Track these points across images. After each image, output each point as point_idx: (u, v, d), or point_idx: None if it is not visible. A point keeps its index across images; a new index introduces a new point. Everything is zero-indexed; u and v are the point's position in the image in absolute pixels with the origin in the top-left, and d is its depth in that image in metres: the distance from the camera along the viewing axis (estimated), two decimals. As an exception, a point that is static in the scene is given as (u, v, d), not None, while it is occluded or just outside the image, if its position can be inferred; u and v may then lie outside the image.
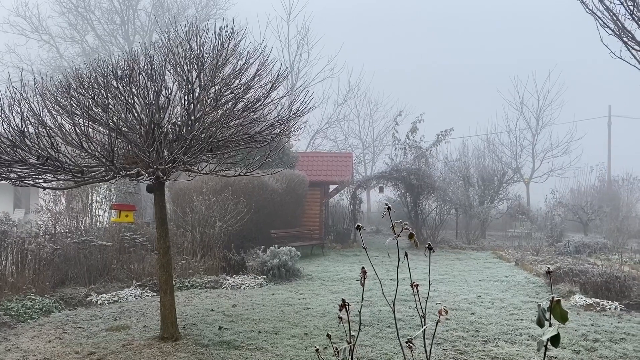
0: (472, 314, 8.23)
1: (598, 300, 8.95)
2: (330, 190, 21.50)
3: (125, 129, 6.16)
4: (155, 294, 9.40)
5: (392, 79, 44.49)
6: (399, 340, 2.19)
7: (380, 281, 3.11)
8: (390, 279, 11.03)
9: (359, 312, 2.60)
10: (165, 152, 6.25)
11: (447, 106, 48.26)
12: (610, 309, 8.56)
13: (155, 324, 7.26)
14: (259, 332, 6.98)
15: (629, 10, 7.14)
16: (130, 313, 8.12)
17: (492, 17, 60.73)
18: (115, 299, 9.08)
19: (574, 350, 6.24)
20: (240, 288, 10.25)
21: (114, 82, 6.11)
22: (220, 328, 7.15)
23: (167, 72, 6.47)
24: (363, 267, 2.37)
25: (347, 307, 2.24)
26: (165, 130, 6.27)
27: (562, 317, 1.91)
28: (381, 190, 21.53)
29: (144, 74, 6.21)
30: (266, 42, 7.46)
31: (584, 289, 9.62)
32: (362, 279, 2.37)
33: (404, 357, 2.40)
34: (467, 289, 10.56)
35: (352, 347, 2.22)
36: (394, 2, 62.63)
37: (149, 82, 6.18)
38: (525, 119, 33.34)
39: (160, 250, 6.80)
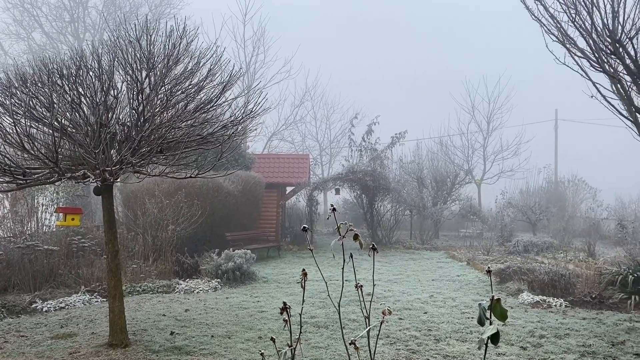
0: (425, 313, 8.36)
1: (545, 297, 9.26)
2: (287, 192, 21.44)
3: (71, 129, 5.95)
4: (105, 299, 9.12)
5: (349, 81, 44.85)
6: (344, 342, 2.19)
7: (327, 283, 3.11)
8: (347, 280, 11.08)
9: (300, 314, 2.58)
10: (113, 154, 6.07)
11: (402, 109, 48.98)
12: (555, 305, 8.88)
13: (104, 331, 7.03)
14: (212, 336, 6.87)
15: (571, 18, 7.43)
16: (77, 320, 7.84)
17: (444, 21, 62.14)
18: (62, 305, 8.75)
19: (521, 347, 6.43)
20: (194, 292, 10.07)
21: (59, 81, 5.89)
22: (172, 333, 6.99)
23: (116, 71, 6.29)
24: (304, 270, 2.35)
25: (288, 310, 2.22)
26: (113, 130, 6.10)
27: (502, 316, 1.96)
28: (337, 191, 21.64)
29: (91, 72, 6.01)
30: (221, 42, 7.38)
31: (531, 286, 9.93)
32: (303, 281, 2.35)
33: (349, 357, 2.40)
34: (420, 288, 10.73)
35: (293, 350, 2.20)
36: (350, 5, 63.16)
37: (97, 81, 5.99)
38: (476, 122, 34.25)
39: (108, 254, 6.60)
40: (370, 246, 2.41)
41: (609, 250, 16.72)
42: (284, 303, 2.19)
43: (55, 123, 5.56)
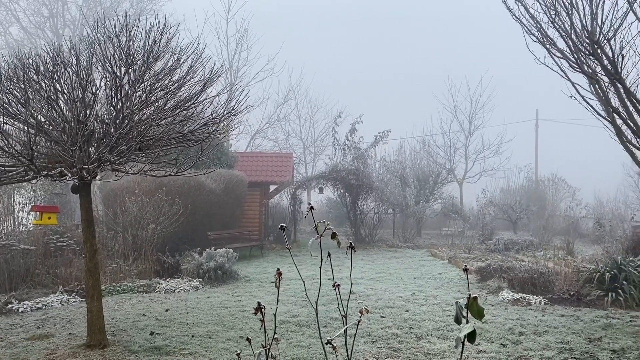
0: (407, 311, 8.39)
1: (524, 295, 9.36)
2: (270, 191, 21.37)
3: (48, 126, 5.84)
4: (83, 299, 8.98)
5: (333, 80, 44.86)
6: (321, 341, 2.17)
7: (304, 282, 3.09)
8: (329, 279, 11.07)
9: (274, 314, 2.56)
10: (92, 151, 5.98)
11: (386, 108, 49.15)
12: (535, 303, 8.97)
13: (82, 331, 6.93)
14: (193, 336, 6.81)
15: (551, 19, 7.49)
16: (55, 320, 7.71)
17: (427, 21, 62.48)
18: (39, 305, 8.60)
19: (501, 344, 6.48)
20: (175, 292, 9.98)
21: (35, 77, 5.78)
22: (151, 333, 6.91)
23: (95, 67, 6.19)
24: (278, 269, 2.33)
25: (262, 310, 2.20)
26: (91, 128, 6.00)
27: (479, 314, 1.96)
28: (321, 190, 21.63)
29: (69, 68, 5.91)
30: (204, 39, 7.31)
31: (512, 284, 10.03)
32: (277, 280, 2.33)
33: (326, 356, 2.38)
34: (402, 286, 10.77)
35: (267, 351, 2.18)
36: (333, 4, 63.16)
37: (75, 77, 5.89)
38: (458, 122, 34.53)
39: (86, 253, 6.50)
40: (348, 245, 2.39)
41: (587, 248, 16.99)
42: (258, 303, 2.16)
43: (30, 119, 5.45)
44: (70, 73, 5.89)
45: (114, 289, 9.82)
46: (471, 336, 1.90)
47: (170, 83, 6.44)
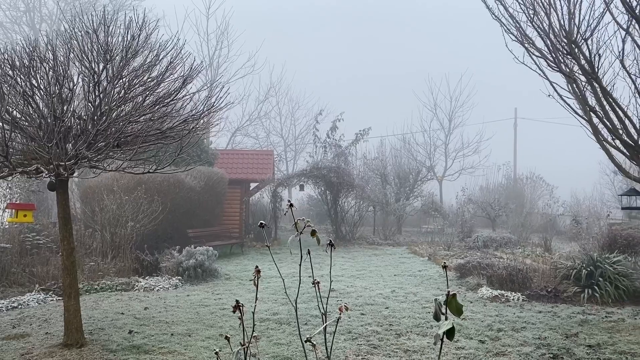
0: (387, 308, 8.43)
1: (503, 291, 9.48)
2: (251, 188, 21.28)
3: (23, 122, 5.73)
4: (60, 298, 8.83)
5: (314, 78, 44.79)
6: (300, 338, 2.17)
7: (283, 279, 3.08)
8: (309, 276, 11.07)
9: (253, 313, 2.54)
10: (69, 148, 5.88)
11: (366, 106, 49.29)
12: (513, 299, 9.09)
13: (58, 331, 6.82)
14: (172, 334, 6.75)
15: (529, 18, 7.59)
16: (31, 320, 7.58)
17: (407, 19, 62.81)
18: (15, 305, 8.43)
19: (480, 341, 6.55)
20: (154, 290, 9.88)
21: (10, 72, 5.65)
22: (130, 332, 6.83)
23: (72, 63, 6.08)
24: (257, 267, 2.31)
25: (240, 308, 2.18)
26: (68, 124, 5.90)
27: (458, 311, 1.97)
28: (302, 188, 21.60)
29: (46, 63, 5.80)
30: (184, 35, 7.24)
31: (490, 281, 10.14)
32: (256, 278, 2.31)
33: (305, 354, 2.38)
34: (382, 283, 10.82)
35: (245, 349, 2.16)
36: (314, 3, 63.09)
37: (51, 72, 5.78)
38: (438, 120, 34.80)
39: (63, 251, 6.39)
40: (328, 242, 2.38)
41: (565, 245, 17.27)
42: (237, 301, 2.14)
43: (5, 115, 5.33)
44: (47, 68, 5.79)
45: (92, 288, 9.69)
46: (450, 333, 1.92)
47: (149, 79, 6.36)
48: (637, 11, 6.59)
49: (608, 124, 7.38)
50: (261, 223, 2.32)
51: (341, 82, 54.99)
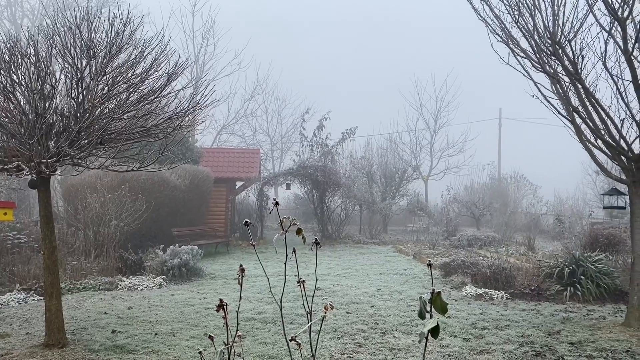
0: (372, 306, 8.45)
1: (487, 290, 9.55)
2: (237, 187, 21.19)
3: (4, 119, 5.63)
4: (42, 298, 8.71)
5: (301, 76, 44.70)
6: (285, 337, 2.16)
7: (268, 278, 3.06)
8: (295, 275, 11.06)
9: (237, 312, 2.53)
10: (51, 145, 5.79)
11: (353, 105, 49.31)
12: (497, 298, 9.17)
13: (40, 331, 6.72)
14: (156, 334, 6.69)
15: (514, 19, 7.64)
16: (11, 320, 7.46)
17: (394, 17, 63.01)
18: (-5, 304, 8.31)
19: (464, 339, 6.59)
20: (138, 289, 9.79)
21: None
22: (113, 332, 6.76)
23: (54, 59, 5.99)
24: (241, 265, 2.30)
25: (225, 307, 2.16)
26: (50, 121, 5.81)
27: (442, 309, 1.97)
28: (288, 187, 21.56)
29: (27, 59, 5.71)
30: (169, 32, 7.18)
31: (475, 280, 10.22)
32: (240, 277, 2.29)
33: (290, 353, 2.37)
34: (368, 282, 10.84)
35: (229, 349, 2.14)
36: (300, 2, 62.98)
37: (33, 68, 5.69)
38: (424, 120, 34.99)
39: (45, 250, 6.30)
40: (314, 241, 2.37)
41: (548, 244, 17.46)
42: (220, 300, 2.12)
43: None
44: (29, 64, 5.69)
45: (75, 287, 9.57)
46: (435, 331, 1.92)
47: (134, 76, 6.29)
48: (619, 13, 6.67)
49: (590, 124, 7.46)
50: (246, 221, 2.30)
51: (328, 82, 54.92)
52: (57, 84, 5.87)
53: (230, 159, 21.13)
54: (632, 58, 6.71)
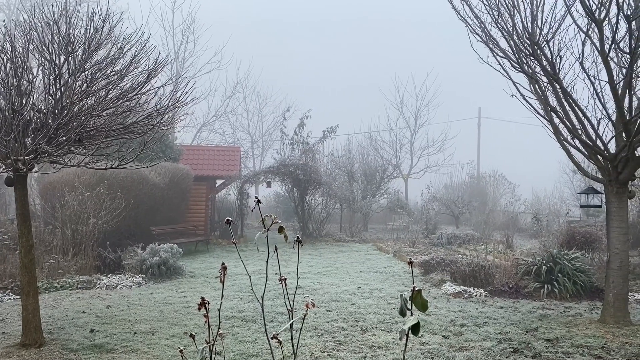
0: (353, 304, 8.49)
1: (466, 287, 9.66)
2: (217, 185, 21.06)
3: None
4: (18, 297, 8.56)
5: (282, 74, 44.59)
6: (267, 335, 2.16)
7: (250, 276, 3.06)
8: (276, 273, 11.04)
9: (219, 310, 2.52)
10: (28, 142, 5.69)
11: (334, 104, 49.38)
12: (476, 295, 9.28)
13: (16, 330, 6.61)
14: (135, 333, 6.63)
15: (494, 19, 7.72)
16: (-14, 319, 7.33)
17: (375, 16, 63.22)
18: (-31, 304, 8.14)
19: (444, 336, 6.67)
20: (117, 288, 9.68)
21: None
22: (91, 331, 6.68)
23: (32, 54, 5.89)
24: (223, 263, 2.29)
25: (206, 305, 2.16)
26: (28, 117, 5.71)
27: (423, 306, 1.99)
28: (269, 185, 21.53)
29: (3, 54, 5.60)
30: (149, 29, 7.09)
31: (454, 277, 10.32)
32: (222, 275, 2.29)
33: (272, 351, 2.37)
34: (348, 280, 10.88)
35: (211, 347, 2.14)
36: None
37: (9, 64, 5.59)
38: (404, 119, 35.18)
39: (22, 249, 6.19)
40: (295, 239, 2.38)
41: (526, 242, 17.72)
42: (202, 298, 2.12)
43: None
44: (5, 60, 5.59)
45: (52, 286, 9.42)
46: (415, 328, 1.94)
47: (113, 73, 6.22)
48: (596, 15, 6.80)
49: (568, 124, 7.59)
50: (228, 220, 2.29)
51: (309, 80, 54.86)
52: (34, 80, 5.77)
53: (210, 157, 20.99)
54: (609, 59, 6.84)
